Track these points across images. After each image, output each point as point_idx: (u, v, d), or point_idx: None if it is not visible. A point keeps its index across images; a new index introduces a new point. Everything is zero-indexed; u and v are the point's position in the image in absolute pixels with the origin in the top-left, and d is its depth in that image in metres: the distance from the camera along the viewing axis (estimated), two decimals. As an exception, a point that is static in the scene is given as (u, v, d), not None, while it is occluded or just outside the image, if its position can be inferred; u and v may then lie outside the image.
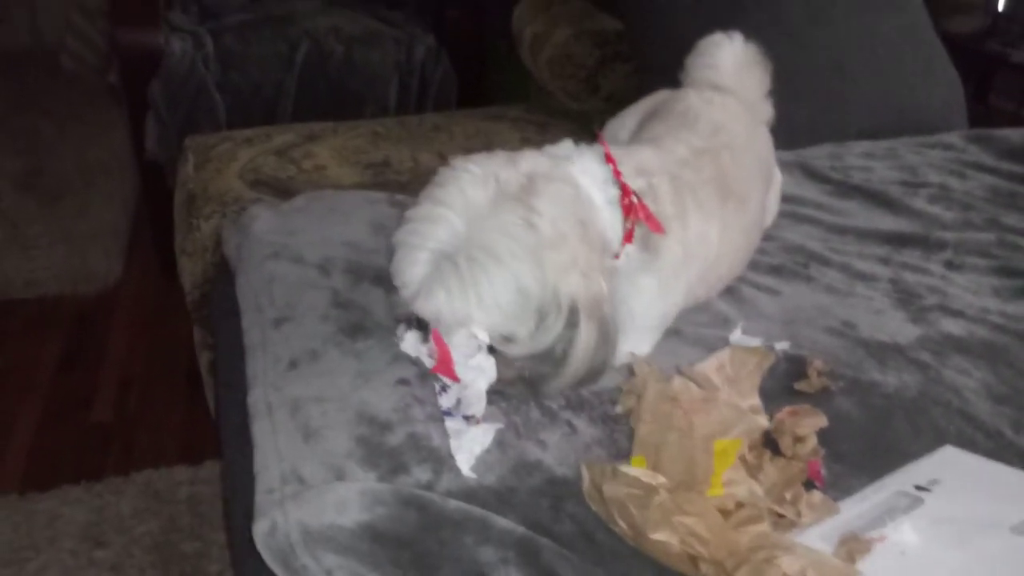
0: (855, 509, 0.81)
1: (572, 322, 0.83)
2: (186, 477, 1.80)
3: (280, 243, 1.22)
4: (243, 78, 2.41)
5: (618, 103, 2.06)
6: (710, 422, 0.73)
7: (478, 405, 0.87)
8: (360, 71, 2.53)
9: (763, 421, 0.77)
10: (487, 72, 2.80)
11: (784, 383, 0.99)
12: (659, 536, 0.66)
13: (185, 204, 1.77)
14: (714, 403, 0.76)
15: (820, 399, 0.95)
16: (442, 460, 0.82)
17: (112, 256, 2.63)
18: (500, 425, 0.86)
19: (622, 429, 0.89)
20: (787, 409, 0.88)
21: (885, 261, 1.30)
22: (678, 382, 0.79)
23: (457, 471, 0.80)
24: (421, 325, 0.89)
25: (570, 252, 0.84)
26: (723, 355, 0.86)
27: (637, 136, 1.30)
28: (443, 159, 1.88)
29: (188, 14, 2.63)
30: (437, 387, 0.91)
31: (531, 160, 0.91)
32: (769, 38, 1.53)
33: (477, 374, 0.88)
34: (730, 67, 1.35)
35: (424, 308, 0.86)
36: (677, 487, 0.69)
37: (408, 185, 1.75)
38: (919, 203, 1.48)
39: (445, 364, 0.90)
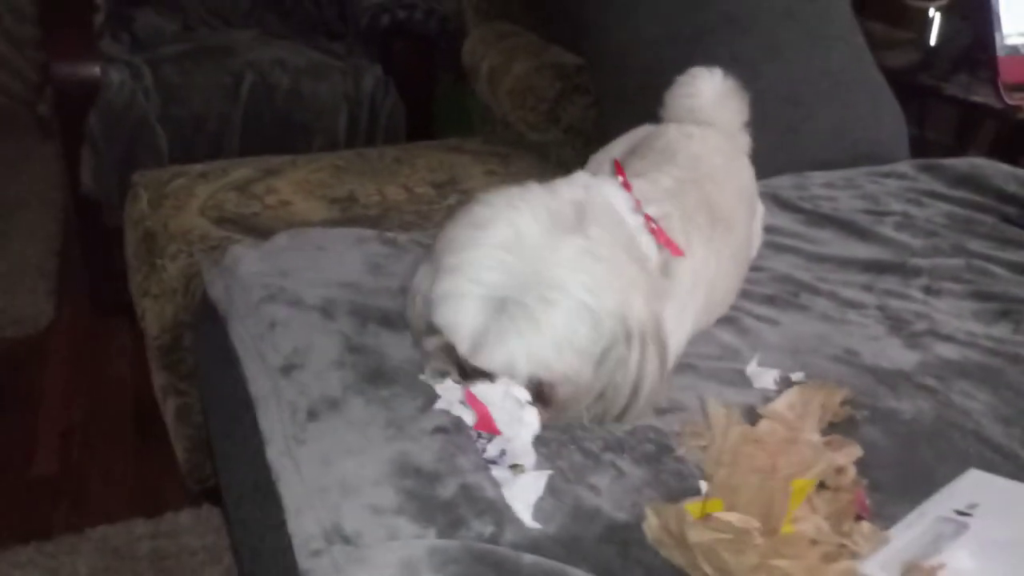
0: (904, 537, 0.82)
1: (643, 348, 0.83)
2: (146, 531, 1.69)
3: (275, 285, 1.17)
4: (185, 111, 2.32)
5: (577, 134, 2.08)
6: (792, 463, 0.74)
7: (527, 457, 0.85)
8: (308, 103, 2.48)
9: (839, 459, 0.78)
10: (433, 104, 2.79)
11: (807, 414, 1.01)
12: (754, 581, 0.66)
13: (142, 243, 1.68)
14: (795, 443, 0.76)
15: (847, 429, 0.97)
16: (500, 511, 0.79)
17: (41, 296, 2.48)
18: (550, 471, 0.84)
19: (667, 469, 0.88)
20: (822, 440, 0.89)
21: (868, 288, 1.34)
22: (764, 424, 0.79)
23: (518, 522, 0.78)
24: (467, 375, 0.86)
25: (630, 277, 0.84)
26: (792, 393, 0.86)
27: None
28: (409, 192, 1.88)
29: (120, 43, 2.53)
30: (474, 435, 0.88)
31: (569, 188, 0.91)
32: (727, 72, 1.59)
33: (521, 427, 0.86)
34: (709, 99, 1.39)
35: (492, 359, 0.81)
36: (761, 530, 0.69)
37: (379, 220, 1.72)
38: (887, 231, 1.53)
39: (485, 421, 0.87)
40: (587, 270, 0.81)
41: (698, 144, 1.28)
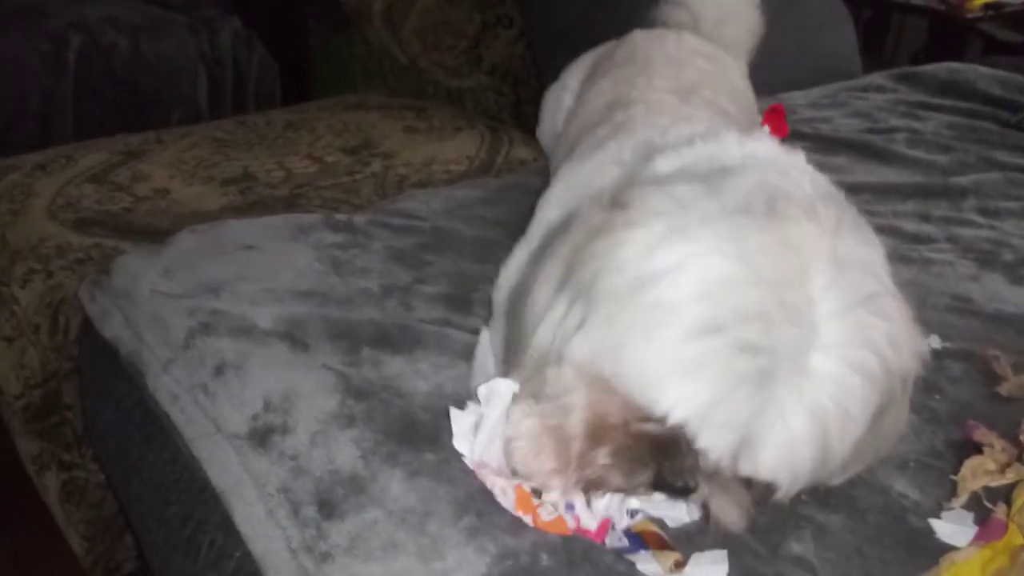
0: None
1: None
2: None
3: (205, 308, 0.81)
4: (-3, 88, 1.82)
5: (503, 76, 1.77)
6: None
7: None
8: (154, 67, 2.02)
9: None
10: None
11: (975, 389, 0.77)
12: None
13: (-30, 266, 1.23)
14: None
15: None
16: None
17: None
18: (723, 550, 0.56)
19: (871, 506, 0.62)
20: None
21: (925, 218, 1.14)
22: None
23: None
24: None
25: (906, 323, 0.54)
26: None
27: (582, 99, 1.05)
28: (319, 162, 1.50)
29: None
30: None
31: (797, 171, 0.61)
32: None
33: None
34: (708, 10, 1.16)
35: (763, 460, 0.49)
36: None
37: (293, 201, 1.35)
38: (902, 149, 1.34)
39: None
40: (882, 314, 0.52)
41: (672, 45, 1.03)
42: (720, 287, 0.49)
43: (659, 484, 0.52)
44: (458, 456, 0.63)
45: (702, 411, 0.48)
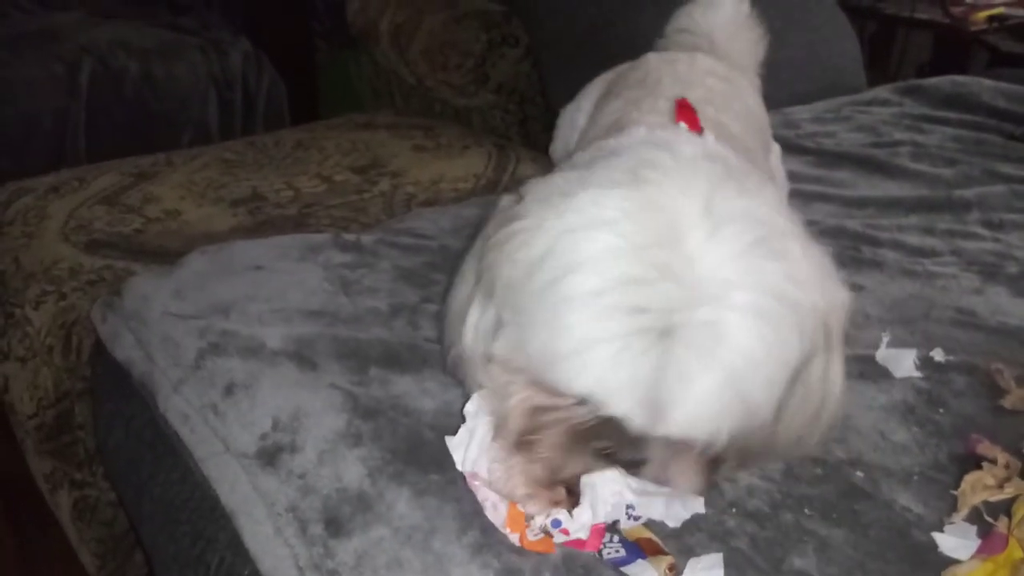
0: None
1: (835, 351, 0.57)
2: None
3: (215, 328, 0.82)
4: (12, 110, 1.85)
5: (510, 94, 1.79)
6: None
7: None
8: (165, 89, 2.05)
9: None
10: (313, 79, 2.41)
11: (979, 402, 0.78)
12: None
13: (-15, 288, 1.25)
14: None
15: (1042, 417, 0.74)
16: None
17: None
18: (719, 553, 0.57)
19: (872, 521, 0.62)
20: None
21: (929, 231, 1.14)
22: None
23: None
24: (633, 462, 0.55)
25: (817, 252, 0.56)
26: None
27: (594, 119, 1.06)
28: (328, 182, 1.52)
29: (-93, 37, 2.00)
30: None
31: (683, 142, 0.63)
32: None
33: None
34: (721, 25, 1.16)
35: (685, 418, 0.50)
36: None
37: (302, 220, 1.36)
38: (906, 163, 1.34)
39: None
40: (774, 255, 0.53)
41: (684, 67, 1.04)
42: (592, 258, 0.51)
43: (611, 460, 0.54)
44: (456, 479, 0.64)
45: (601, 377, 0.50)
